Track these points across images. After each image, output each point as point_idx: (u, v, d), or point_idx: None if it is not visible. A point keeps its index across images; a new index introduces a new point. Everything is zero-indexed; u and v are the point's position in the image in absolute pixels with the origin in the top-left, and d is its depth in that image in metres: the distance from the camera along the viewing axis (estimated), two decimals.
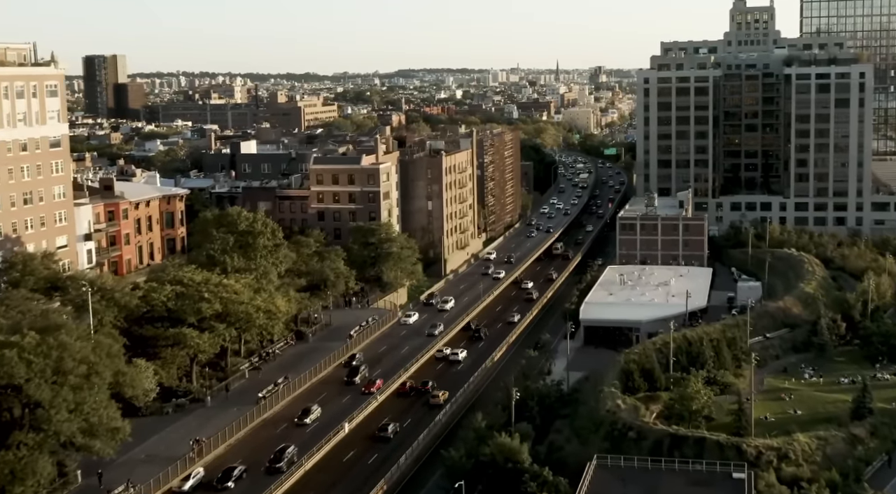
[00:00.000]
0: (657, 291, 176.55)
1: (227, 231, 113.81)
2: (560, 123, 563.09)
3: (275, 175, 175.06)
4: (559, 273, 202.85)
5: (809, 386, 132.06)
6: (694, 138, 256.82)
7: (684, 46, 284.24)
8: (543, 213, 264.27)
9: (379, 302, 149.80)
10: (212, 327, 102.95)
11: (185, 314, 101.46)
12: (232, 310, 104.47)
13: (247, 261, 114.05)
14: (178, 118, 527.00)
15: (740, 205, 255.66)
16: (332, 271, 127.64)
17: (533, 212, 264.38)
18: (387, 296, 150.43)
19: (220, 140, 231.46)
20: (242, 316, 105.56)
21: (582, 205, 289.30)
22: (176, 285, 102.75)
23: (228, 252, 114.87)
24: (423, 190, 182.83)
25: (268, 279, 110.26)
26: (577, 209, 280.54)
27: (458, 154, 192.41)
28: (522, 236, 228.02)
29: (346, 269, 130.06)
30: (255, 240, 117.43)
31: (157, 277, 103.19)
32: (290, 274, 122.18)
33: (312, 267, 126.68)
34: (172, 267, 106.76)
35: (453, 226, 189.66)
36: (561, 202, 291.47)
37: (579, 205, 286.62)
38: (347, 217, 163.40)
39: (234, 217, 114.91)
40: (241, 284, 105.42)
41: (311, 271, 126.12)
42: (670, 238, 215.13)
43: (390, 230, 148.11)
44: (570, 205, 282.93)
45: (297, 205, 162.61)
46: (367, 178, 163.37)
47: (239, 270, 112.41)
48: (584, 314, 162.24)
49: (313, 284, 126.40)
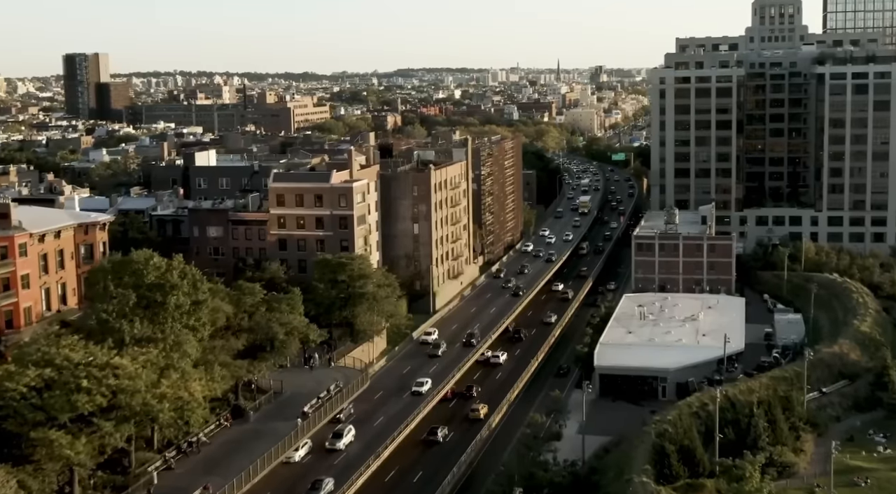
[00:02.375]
0: (684, 328, 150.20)
1: (132, 284, 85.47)
2: (562, 125, 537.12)
3: (235, 191, 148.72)
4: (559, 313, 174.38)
5: (886, 463, 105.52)
6: (715, 144, 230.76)
7: (702, 43, 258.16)
8: (544, 236, 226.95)
9: (349, 356, 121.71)
10: (94, 426, 74.44)
11: (54, 409, 72.38)
12: (124, 402, 75.76)
13: (154, 328, 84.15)
14: (160, 119, 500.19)
15: (767, 220, 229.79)
16: (283, 327, 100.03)
17: (539, 226, 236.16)
18: (359, 347, 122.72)
19: (185, 147, 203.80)
20: (140, 410, 77.18)
21: (589, 223, 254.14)
22: (45, 368, 73.13)
23: (129, 315, 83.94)
24: (409, 210, 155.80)
25: (181, 352, 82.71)
26: (582, 229, 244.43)
27: (451, 167, 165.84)
28: (520, 262, 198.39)
29: (303, 322, 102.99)
30: (167, 298, 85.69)
31: (20, 355, 75.19)
32: (225, 335, 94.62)
33: (257, 322, 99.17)
34: (45, 339, 78.84)
35: (444, 251, 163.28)
36: (564, 214, 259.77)
37: (584, 228, 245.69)
38: (314, 246, 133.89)
39: (139, 266, 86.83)
40: (139, 363, 77.47)
41: (254, 327, 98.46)
42: (693, 260, 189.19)
43: (365, 264, 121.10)
44: (573, 227, 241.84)
45: (253, 232, 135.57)
46: (338, 199, 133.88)
47: (143, 340, 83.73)
48: (600, 359, 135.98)
49: (258, 344, 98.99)
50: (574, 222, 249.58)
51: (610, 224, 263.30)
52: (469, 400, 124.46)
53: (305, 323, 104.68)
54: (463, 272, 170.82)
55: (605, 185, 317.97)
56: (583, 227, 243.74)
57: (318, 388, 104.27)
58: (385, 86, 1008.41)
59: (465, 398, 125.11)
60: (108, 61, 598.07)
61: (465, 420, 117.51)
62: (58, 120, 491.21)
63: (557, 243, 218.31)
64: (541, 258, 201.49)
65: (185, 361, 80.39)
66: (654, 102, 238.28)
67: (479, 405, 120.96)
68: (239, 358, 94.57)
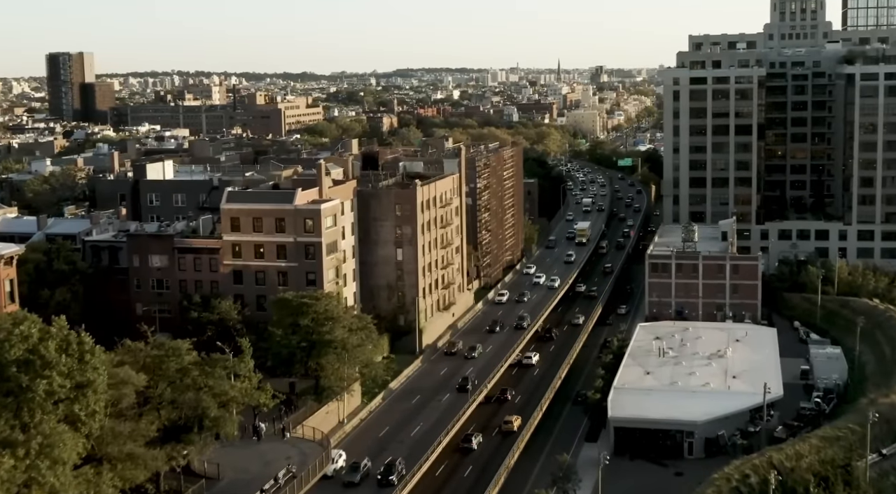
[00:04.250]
0: (711, 368, 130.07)
1: None
2: (564, 127, 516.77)
3: (190, 210, 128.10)
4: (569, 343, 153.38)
5: None
6: (734, 151, 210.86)
7: (717, 40, 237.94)
8: (529, 274, 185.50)
9: (312, 418, 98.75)
10: None
11: None
12: None
13: (15, 425, 59.89)
14: (145, 121, 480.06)
15: (790, 234, 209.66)
16: (217, 398, 78.34)
17: (542, 241, 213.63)
18: (324, 408, 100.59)
19: (147, 154, 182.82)
20: None
21: (594, 246, 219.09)
22: None
23: None
24: (391, 233, 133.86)
25: (52, 458, 60.03)
26: (587, 252, 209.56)
27: (441, 181, 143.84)
28: (520, 287, 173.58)
29: (248, 387, 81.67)
30: (36, 384, 61.84)
31: None
32: (134, 415, 72.21)
33: (182, 394, 77.27)
34: None
35: (433, 280, 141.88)
36: (559, 243, 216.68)
37: (587, 252, 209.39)
38: (275, 279, 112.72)
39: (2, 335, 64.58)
40: None
41: (179, 401, 76.61)
42: (715, 282, 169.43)
43: (332, 304, 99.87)
44: (565, 264, 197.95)
45: (204, 262, 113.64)
46: (303, 223, 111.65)
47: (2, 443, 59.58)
48: (615, 408, 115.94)
49: (182, 424, 76.77)
50: (566, 257, 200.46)
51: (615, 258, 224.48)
52: (504, 403, 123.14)
53: (254, 384, 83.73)
54: (455, 302, 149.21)
55: (610, 199, 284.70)
56: (576, 265, 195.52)
57: (265, 472, 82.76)
58: (383, 86, 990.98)
59: (501, 401, 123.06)
60: (93, 61, 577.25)
61: (497, 432, 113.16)
62: (35, 122, 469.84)
63: (538, 298, 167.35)
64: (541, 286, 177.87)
65: (59, 470, 58.52)
66: (667, 105, 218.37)
67: (512, 417, 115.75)
68: (158, 443, 73.28)
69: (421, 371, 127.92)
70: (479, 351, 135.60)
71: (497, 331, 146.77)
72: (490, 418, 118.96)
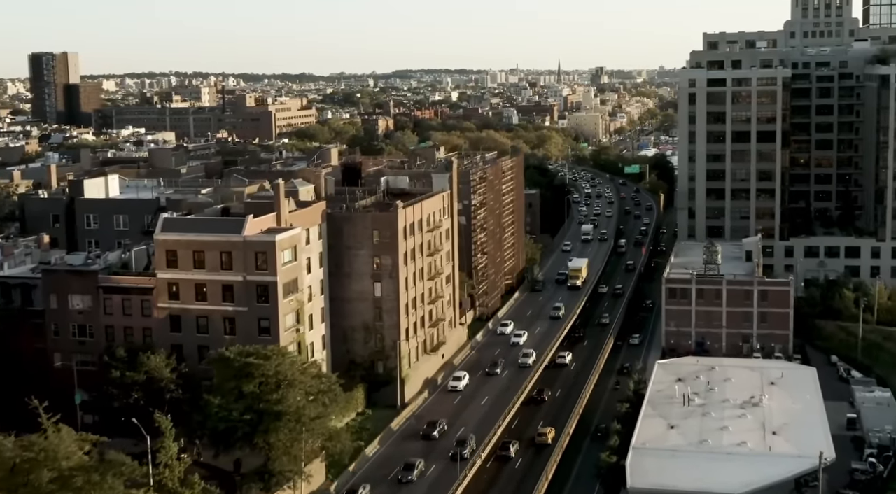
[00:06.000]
0: (746, 421, 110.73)
1: None
2: (565, 130, 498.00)
3: (134, 235, 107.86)
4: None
5: None
6: (756, 161, 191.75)
7: (734, 38, 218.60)
8: (504, 333, 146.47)
9: None
10: None
11: None
12: None
13: None
14: (130, 124, 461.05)
15: (817, 251, 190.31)
16: None
17: (545, 260, 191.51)
18: None
19: (104, 164, 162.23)
20: None
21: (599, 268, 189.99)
22: None
23: None
24: (368, 264, 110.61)
25: None
26: (581, 299, 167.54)
27: (429, 200, 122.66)
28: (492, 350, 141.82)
29: (167, 475, 62.20)
30: None
31: None
32: None
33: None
34: None
35: (419, 317, 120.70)
36: (547, 286, 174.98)
37: (581, 299, 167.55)
38: (221, 327, 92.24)
39: None
40: None
41: None
42: (740, 309, 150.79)
43: (285, 364, 79.28)
44: (551, 320, 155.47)
45: (134, 304, 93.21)
46: (255, 258, 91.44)
47: None
48: (635, 475, 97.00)
49: None
50: (552, 311, 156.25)
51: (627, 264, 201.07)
52: (541, 403, 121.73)
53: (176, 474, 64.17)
54: (445, 341, 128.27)
55: (617, 219, 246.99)
56: (561, 323, 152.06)
57: None
58: (381, 87, 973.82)
59: (537, 402, 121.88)
60: (78, 61, 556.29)
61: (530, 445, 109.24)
62: (12, 125, 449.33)
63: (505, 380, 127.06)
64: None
65: None
66: (681, 109, 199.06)
67: (546, 429, 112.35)
68: None
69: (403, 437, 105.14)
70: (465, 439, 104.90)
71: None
72: None
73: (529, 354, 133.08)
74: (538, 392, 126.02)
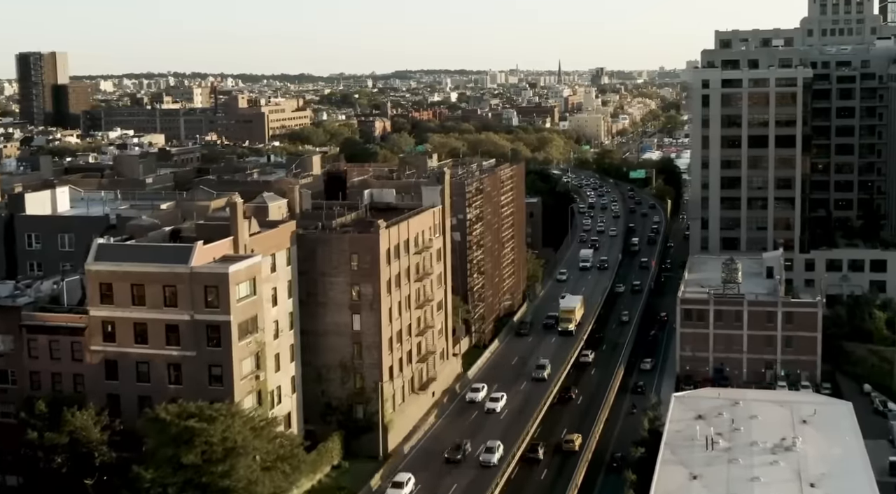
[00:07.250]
0: (779, 469, 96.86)
1: None
2: (566, 132, 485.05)
3: (80, 258, 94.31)
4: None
5: None
6: (774, 167, 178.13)
7: (747, 36, 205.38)
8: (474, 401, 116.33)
9: None
10: None
11: None
12: None
13: None
14: (119, 126, 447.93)
15: (840, 264, 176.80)
16: None
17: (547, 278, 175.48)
18: None
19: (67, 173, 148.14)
20: None
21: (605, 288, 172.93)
22: None
23: None
24: (345, 293, 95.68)
25: None
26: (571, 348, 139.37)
27: (417, 217, 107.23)
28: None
29: None
30: None
31: None
32: None
33: None
34: None
35: (405, 352, 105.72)
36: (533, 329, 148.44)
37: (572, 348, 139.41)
38: (164, 374, 78.50)
39: None
40: None
41: None
42: (763, 333, 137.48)
43: (233, 428, 65.17)
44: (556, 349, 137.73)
45: (63, 347, 79.18)
46: (205, 294, 77.42)
47: None
48: None
49: None
50: (535, 371, 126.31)
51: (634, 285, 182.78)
52: (569, 401, 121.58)
53: None
54: (436, 377, 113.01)
55: (623, 241, 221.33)
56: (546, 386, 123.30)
57: None
58: (379, 88, 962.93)
59: (565, 401, 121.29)
60: (67, 61, 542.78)
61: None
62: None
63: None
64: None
65: None
66: (694, 112, 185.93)
67: (573, 435, 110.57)
68: None
69: None
70: None
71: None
72: None
73: (494, 449, 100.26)
74: None
